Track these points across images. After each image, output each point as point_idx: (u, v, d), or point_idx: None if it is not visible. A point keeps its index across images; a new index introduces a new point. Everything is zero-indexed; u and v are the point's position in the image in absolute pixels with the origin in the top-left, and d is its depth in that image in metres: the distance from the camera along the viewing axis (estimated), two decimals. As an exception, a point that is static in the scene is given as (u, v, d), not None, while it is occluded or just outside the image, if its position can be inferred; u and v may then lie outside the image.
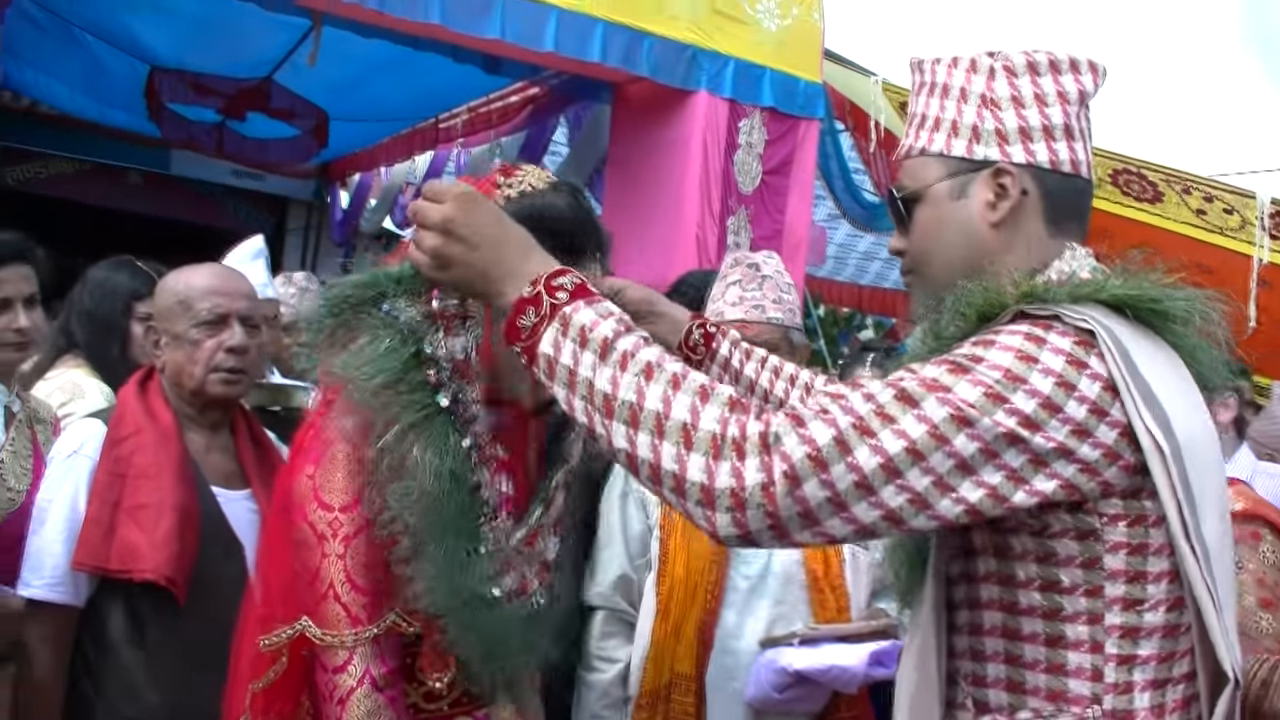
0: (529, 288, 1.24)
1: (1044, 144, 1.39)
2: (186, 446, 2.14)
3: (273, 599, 1.47)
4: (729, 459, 1.15)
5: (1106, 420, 1.22)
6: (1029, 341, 1.24)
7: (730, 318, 2.40)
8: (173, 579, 2.00)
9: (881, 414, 1.18)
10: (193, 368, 2.17)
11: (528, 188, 1.51)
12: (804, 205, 4.99)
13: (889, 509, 1.17)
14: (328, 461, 1.43)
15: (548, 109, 5.89)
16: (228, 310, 2.18)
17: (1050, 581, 1.26)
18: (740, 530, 1.16)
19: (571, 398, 1.21)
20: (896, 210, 1.48)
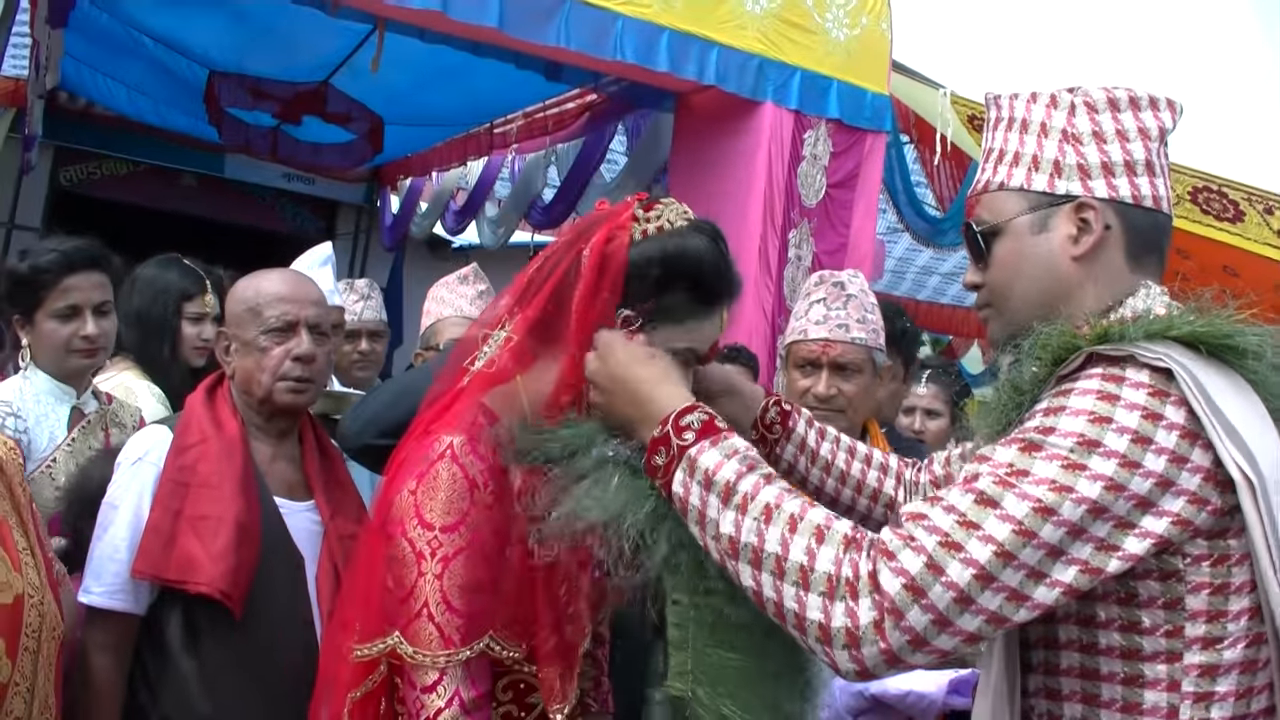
0: (658, 428, 1.37)
1: (1126, 179, 1.42)
2: (251, 456, 2.15)
3: (370, 611, 1.47)
4: (844, 599, 1.22)
5: (1188, 467, 1.23)
6: (1101, 401, 1.25)
7: (814, 336, 2.42)
8: (228, 593, 2.00)
9: (966, 523, 1.22)
10: (260, 375, 2.18)
11: (666, 224, 1.53)
12: (869, 220, 4.94)
13: (990, 612, 1.21)
14: (431, 479, 1.43)
15: (605, 116, 5.89)
16: (296, 318, 2.19)
17: (1131, 622, 1.27)
18: (858, 666, 1.23)
19: (704, 535, 1.32)
20: (975, 245, 1.50)
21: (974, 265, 1.52)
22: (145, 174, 8.67)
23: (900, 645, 1.21)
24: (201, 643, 2.05)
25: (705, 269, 1.51)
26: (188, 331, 3.16)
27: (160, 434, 2.16)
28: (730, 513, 1.29)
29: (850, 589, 1.22)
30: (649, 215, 1.53)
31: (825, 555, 1.25)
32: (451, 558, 1.40)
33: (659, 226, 1.52)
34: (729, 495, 1.30)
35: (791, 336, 2.50)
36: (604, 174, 6.46)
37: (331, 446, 2.37)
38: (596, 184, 6.37)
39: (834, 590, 1.23)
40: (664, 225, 1.52)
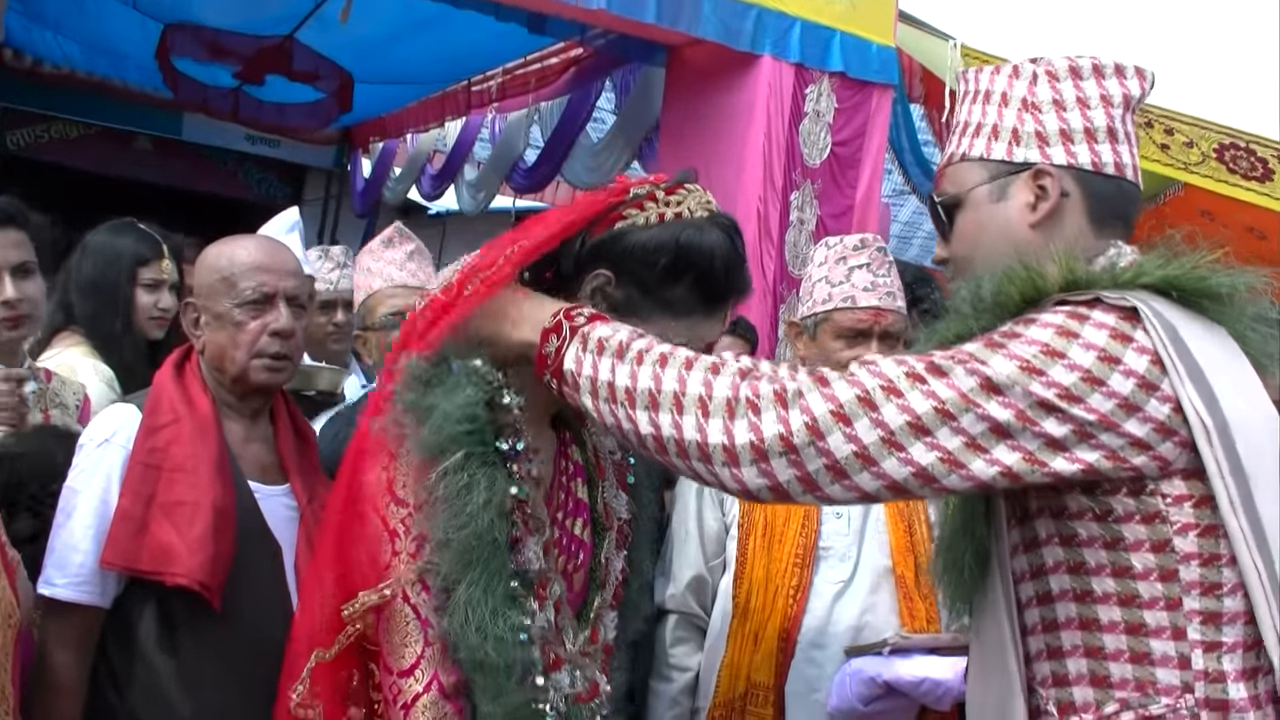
0: (550, 319, 1.45)
1: (1086, 146, 1.48)
2: (224, 437, 2.12)
3: (349, 570, 1.48)
4: (745, 416, 1.30)
5: (1157, 395, 1.29)
6: (1071, 319, 1.32)
7: (864, 304, 2.42)
8: (207, 584, 1.98)
9: (913, 376, 1.30)
10: (235, 351, 2.14)
11: (685, 212, 1.54)
12: (876, 180, 4.93)
13: (919, 466, 1.28)
14: (405, 454, 1.45)
15: (592, 72, 5.85)
16: (274, 289, 2.15)
17: (1122, 567, 1.32)
18: (770, 481, 1.30)
19: (598, 403, 1.39)
20: (938, 218, 1.59)
21: (940, 239, 1.60)
22: (97, 137, 8.59)
23: (817, 468, 1.28)
24: (177, 638, 2.03)
25: (716, 268, 1.53)
26: (143, 300, 3.09)
27: (128, 413, 2.12)
28: (625, 366, 1.37)
29: (751, 407, 1.30)
30: (669, 199, 1.54)
31: (722, 383, 1.33)
32: (427, 535, 1.42)
33: (677, 213, 1.53)
34: (623, 353, 1.38)
35: (832, 302, 2.45)
36: (590, 134, 6.42)
37: (306, 427, 2.34)
38: (583, 145, 6.34)
39: (734, 409, 1.30)
40: (683, 213, 1.53)
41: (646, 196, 1.54)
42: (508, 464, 1.47)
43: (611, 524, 1.72)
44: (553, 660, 1.51)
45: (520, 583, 1.45)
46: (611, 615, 1.70)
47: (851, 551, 2.29)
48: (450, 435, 1.44)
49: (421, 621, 1.41)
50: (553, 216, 1.57)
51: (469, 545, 1.41)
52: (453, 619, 1.40)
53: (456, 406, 1.45)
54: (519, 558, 1.46)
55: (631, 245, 1.51)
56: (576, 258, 1.53)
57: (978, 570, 1.46)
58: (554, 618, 1.53)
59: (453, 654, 1.41)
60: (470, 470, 1.42)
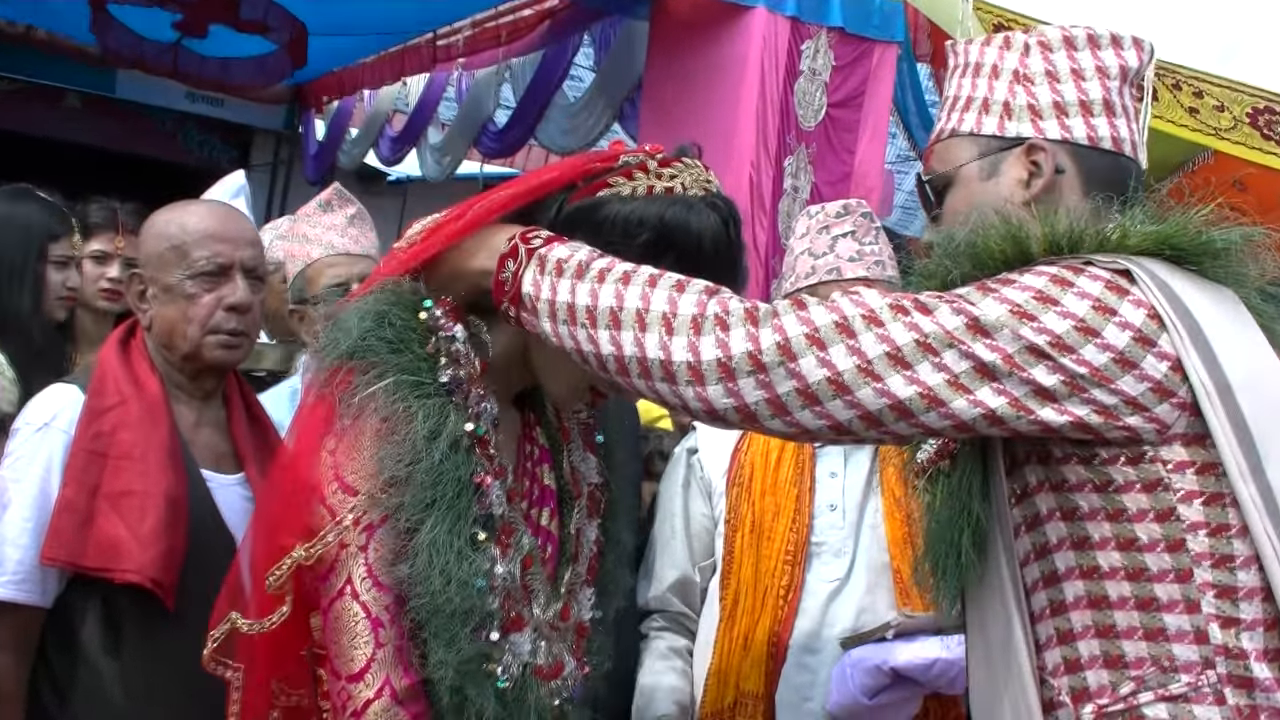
0: (505, 244, 1.47)
1: (1081, 119, 1.53)
2: (175, 422, 2.13)
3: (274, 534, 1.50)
4: (712, 333, 1.33)
5: (1154, 351, 1.33)
6: (1066, 269, 1.37)
7: (849, 275, 2.40)
8: (160, 582, 2.00)
9: (897, 308, 1.34)
10: (187, 327, 2.15)
11: (677, 188, 1.53)
12: (877, 145, 4.95)
13: (896, 398, 1.32)
14: (353, 437, 1.45)
15: (569, 25, 5.84)
16: (230, 260, 2.16)
17: (1128, 539, 1.35)
18: (736, 400, 1.33)
19: (556, 326, 1.41)
20: (926, 198, 1.62)
21: (929, 221, 1.64)
22: (21, 94, 8.52)
23: (787, 391, 1.32)
24: (124, 640, 2.04)
25: (704, 253, 1.51)
26: (52, 279, 3.08)
27: (69, 395, 2.12)
28: (586, 285, 1.39)
29: (719, 323, 1.33)
30: (662, 171, 1.53)
31: (688, 299, 1.36)
32: (378, 525, 1.42)
33: (669, 188, 1.52)
34: (583, 272, 1.40)
35: (815, 275, 2.45)
36: (567, 93, 6.40)
37: (261, 410, 2.36)
38: (558, 105, 6.33)
39: (700, 325, 1.34)
40: (675, 188, 1.52)
41: (637, 166, 1.54)
42: (452, 397, 1.46)
43: (580, 490, 1.72)
44: (513, 619, 1.51)
45: (482, 527, 1.46)
46: (587, 592, 1.70)
47: (847, 546, 2.29)
48: (357, 337, 1.45)
49: (372, 621, 1.42)
50: (532, 174, 1.59)
51: (428, 483, 1.41)
52: (415, 562, 1.41)
53: (358, 306, 1.47)
54: (482, 500, 1.47)
55: (611, 216, 1.51)
56: (552, 222, 1.53)
57: (976, 556, 1.47)
58: (519, 574, 1.53)
59: (413, 600, 1.42)
60: (405, 399, 1.43)
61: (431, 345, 1.47)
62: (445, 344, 1.48)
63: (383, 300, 1.48)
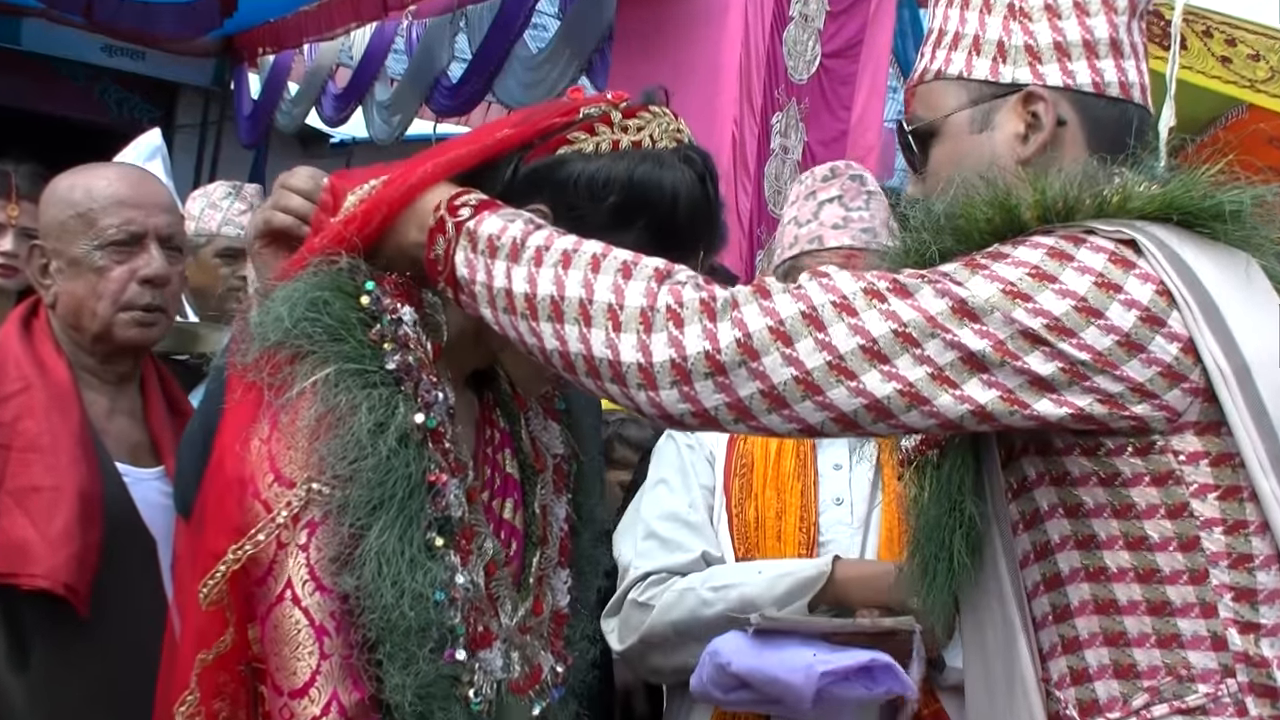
0: (431, 217, 1.43)
1: (1085, 62, 1.49)
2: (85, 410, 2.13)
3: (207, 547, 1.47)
4: (664, 329, 1.30)
5: (1163, 331, 1.32)
6: (1065, 240, 1.35)
7: (832, 244, 2.41)
8: (73, 586, 2.00)
9: (872, 292, 1.31)
10: (96, 303, 2.15)
11: (646, 141, 1.52)
12: (875, 100, 5.00)
13: (872, 397, 1.30)
14: (289, 423, 1.44)
15: (531, -34, 5.87)
16: (144, 228, 2.16)
17: (1136, 537, 1.35)
18: (694, 406, 1.31)
19: (498, 315, 1.39)
20: (908, 147, 1.59)
21: (911, 174, 1.61)
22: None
23: (750, 393, 1.30)
24: (30, 651, 2.04)
25: (680, 214, 1.51)
26: None
27: (-35, 381, 2.12)
28: (522, 269, 1.36)
29: (673, 317, 1.30)
30: (628, 123, 1.52)
31: (635, 288, 1.33)
32: (320, 521, 1.41)
33: (636, 141, 1.51)
34: (518, 253, 1.37)
35: (798, 246, 2.46)
36: (529, 43, 6.43)
37: (182, 397, 2.36)
38: (519, 57, 6.34)
39: (651, 321, 1.31)
40: (643, 141, 1.52)
41: (600, 118, 1.52)
42: (401, 386, 1.45)
43: (544, 463, 1.71)
44: (480, 634, 1.50)
45: (439, 532, 1.44)
46: (562, 575, 1.69)
47: (855, 543, 2.31)
48: (289, 325, 1.43)
49: (315, 628, 1.41)
50: (482, 130, 1.57)
51: (374, 481, 1.40)
52: (363, 572, 1.39)
53: (287, 293, 1.44)
54: (438, 501, 1.45)
55: (574, 176, 1.50)
56: (507, 185, 1.51)
57: (969, 557, 1.45)
58: (483, 582, 1.53)
59: (362, 615, 1.40)
60: (347, 389, 1.41)
61: (376, 331, 1.46)
62: (391, 328, 1.47)
63: (316, 285, 1.45)
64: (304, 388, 1.42)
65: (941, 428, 1.34)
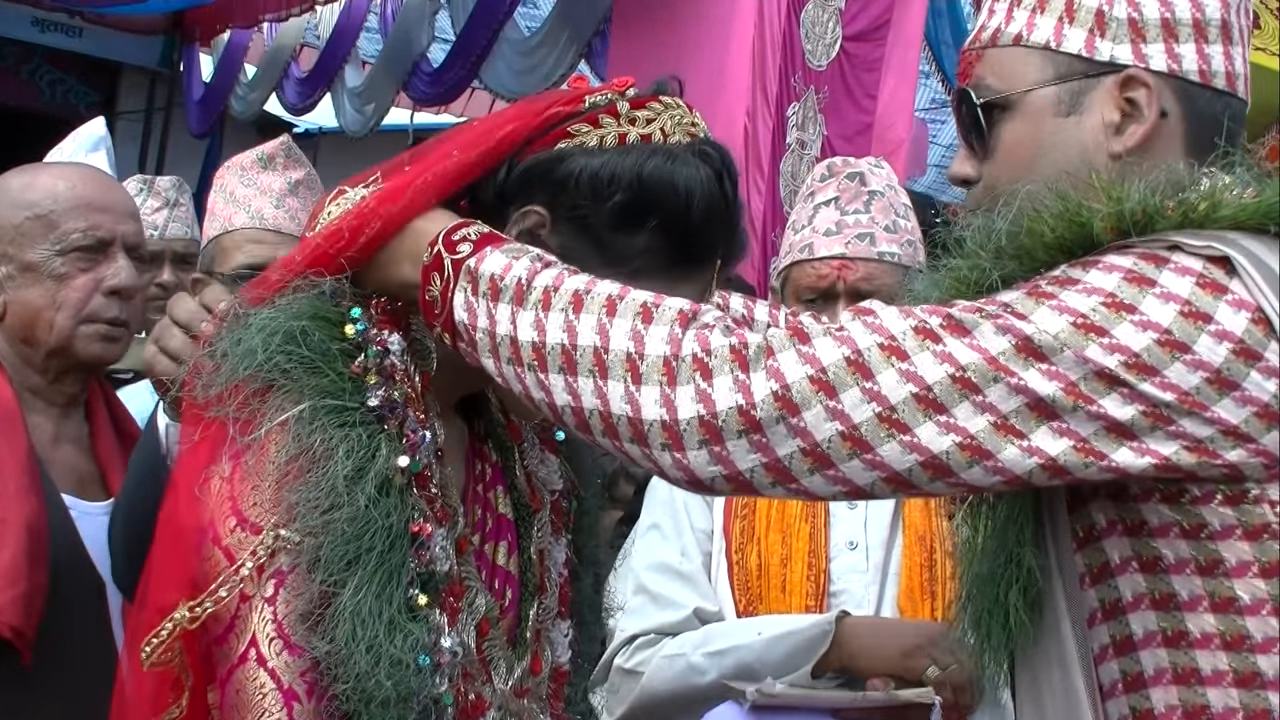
0: (427, 252, 1.42)
1: (1194, 46, 1.46)
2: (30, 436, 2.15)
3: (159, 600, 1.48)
4: (691, 381, 1.29)
5: (1260, 366, 1.29)
6: (1145, 261, 1.33)
7: (823, 254, 2.44)
8: (20, 630, 2.01)
9: (924, 331, 1.30)
10: (55, 314, 2.17)
11: (656, 134, 1.52)
12: (905, 88, 5.04)
13: (929, 453, 1.29)
14: (255, 461, 1.45)
15: (520, -65, 5.91)
16: (111, 234, 2.18)
17: (1224, 599, 1.34)
18: (726, 469, 1.30)
19: (501, 365, 1.38)
20: (970, 120, 1.55)
21: (966, 151, 1.58)
22: None
23: (789, 452, 1.29)
24: None
25: (695, 215, 1.51)
26: None
27: (-103, 403, 2.13)
28: (528, 313, 1.35)
29: (700, 367, 1.29)
30: (636, 114, 1.53)
31: (657, 334, 1.32)
32: (289, 571, 1.42)
33: (645, 135, 1.52)
34: (523, 295, 1.36)
35: (790, 255, 2.51)
36: (520, 24, 6.47)
37: (131, 423, 2.39)
38: (510, 39, 6.38)
39: (675, 372, 1.30)
40: (653, 135, 1.52)
41: (605, 109, 1.52)
42: (384, 425, 1.45)
43: (541, 502, 1.72)
44: (472, 702, 1.50)
45: (422, 589, 1.44)
46: (562, 628, 1.70)
47: (870, 594, 2.32)
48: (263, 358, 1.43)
49: (284, 694, 1.41)
50: (481, 126, 1.57)
51: (350, 534, 1.39)
52: (335, 635, 1.39)
53: (265, 322, 1.44)
54: (421, 554, 1.44)
55: (576, 173, 1.50)
56: (501, 186, 1.52)
57: (1026, 614, 1.45)
58: (474, 643, 1.52)
59: (334, 685, 1.40)
60: (323, 429, 1.41)
61: (359, 363, 1.47)
62: (377, 360, 1.48)
63: (296, 313, 1.46)
64: (274, 425, 1.43)
65: (1008, 484, 1.32)
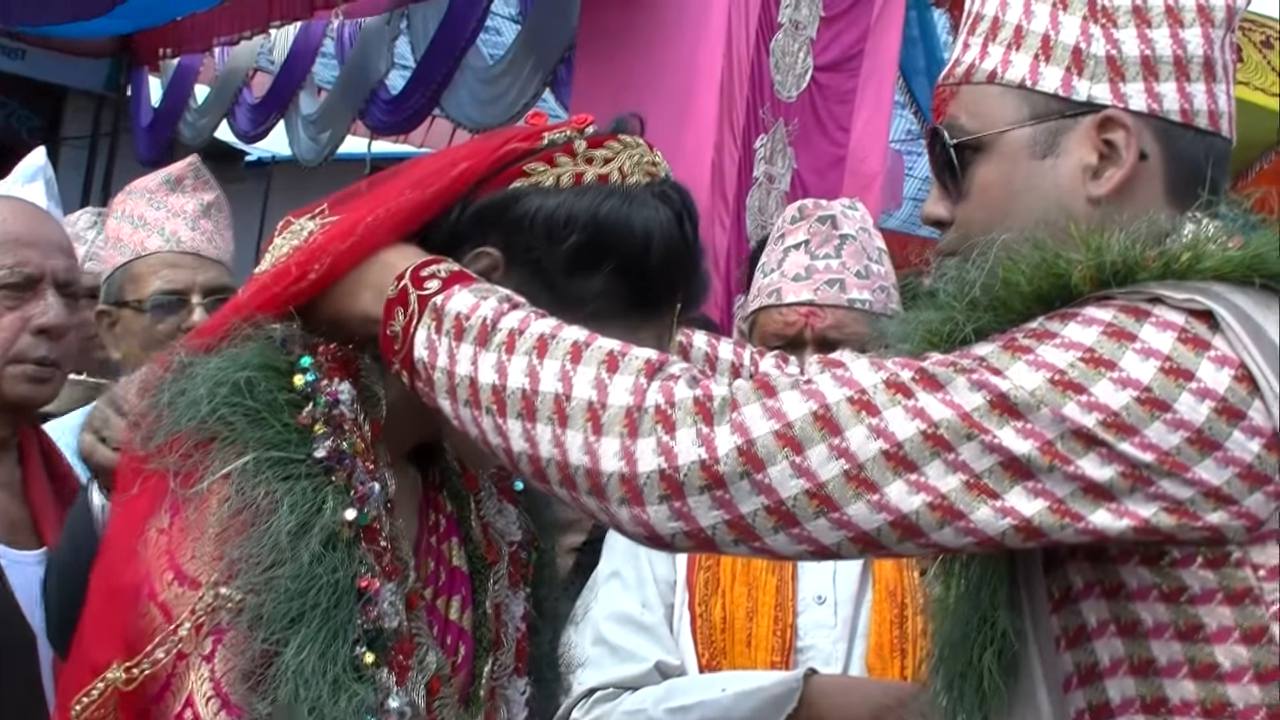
0: (393, 286, 1.43)
1: (1175, 84, 1.47)
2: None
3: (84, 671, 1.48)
4: (653, 434, 1.30)
5: (1243, 425, 1.31)
6: (1125, 314, 1.34)
7: (790, 299, 2.47)
8: None
9: (895, 386, 1.31)
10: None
11: (614, 174, 1.54)
12: (879, 120, 5.09)
13: (899, 513, 1.30)
14: (195, 515, 1.45)
15: (482, -41, 5.93)
16: (40, 270, 2.19)
17: (1205, 664, 1.35)
18: (687, 525, 1.31)
19: (458, 407, 1.39)
20: (943, 161, 1.56)
21: (940, 191, 1.58)
22: None
23: (753, 510, 1.29)
24: None
25: (653, 258, 1.52)
26: None
27: None
28: (491, 355, 1.36)
29: (663, 418, 1.30)
30: (594, 153, 1.54)
31: (621, 384, 1.32)
32: (228, 628, 1.41)
33: (603, 174, 1.54)
34: (487, 336, 1.36)
35: (758, 300, 2.54)
36: (483, 51, 6.51)
37: (65, 466, 2.39)
38: (473, 67, 6.41)
39: (637, 424, 1.30)
40: (610, 175, 1.54)
41: (562, 147, 1.54)
42: (331, 476, 1.46)
43: (498, 554, 1.72)
44: None
45: (369, 646, 1.44)
46: (519, 685, 1.70)
47: (839, 651, 2.33)
48: (207, 410, 1.44)
49: None
50: (436, 162, 1.58)
51: (294, 591, 1.39)
52: (277, 695, 1.39)
53: (212, 372, 1.45)
54: (369, 611, 1.44)
55: (530, 214, 1.51)
56: (454, 225, 1.53)
57: (1001, 678, 1.45)
58: (424, 703, 1.53)
59: None
60: (266, 482, 1.42)
61: (306, 414, 1.47)
62: (325, 410, 1.48)
63: (244, 364, 1.46)
64: (216, 478, 1.42)
65: (981, 546, 1.33)
